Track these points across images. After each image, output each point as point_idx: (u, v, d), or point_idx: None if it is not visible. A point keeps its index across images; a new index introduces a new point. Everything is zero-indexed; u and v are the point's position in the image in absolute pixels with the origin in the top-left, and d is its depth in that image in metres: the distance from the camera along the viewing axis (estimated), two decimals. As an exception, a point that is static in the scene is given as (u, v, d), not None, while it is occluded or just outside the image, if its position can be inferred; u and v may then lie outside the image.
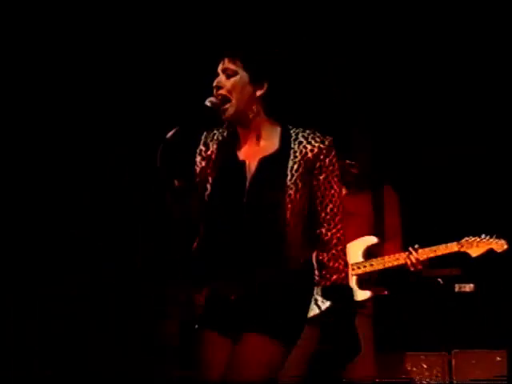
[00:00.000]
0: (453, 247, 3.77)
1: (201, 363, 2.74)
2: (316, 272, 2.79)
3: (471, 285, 4.55)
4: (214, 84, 2.79)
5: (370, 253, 3.90)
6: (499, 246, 3.75)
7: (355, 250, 3.90)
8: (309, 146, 2.79)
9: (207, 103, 2.76)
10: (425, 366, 4.33)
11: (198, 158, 2.85)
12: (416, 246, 3.80)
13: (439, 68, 4.78)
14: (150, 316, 4.61)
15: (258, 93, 2.81)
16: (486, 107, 4.78)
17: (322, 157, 2.78)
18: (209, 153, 2.85)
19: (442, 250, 3.77)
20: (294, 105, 2.98)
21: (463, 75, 4.75)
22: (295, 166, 2.76)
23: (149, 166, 2.80)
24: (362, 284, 3.88)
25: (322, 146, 2.79)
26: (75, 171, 4.75)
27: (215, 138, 2.87)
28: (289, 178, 2.75)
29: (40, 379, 4.45)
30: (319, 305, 3.45)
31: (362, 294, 3.84)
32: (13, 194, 4.68)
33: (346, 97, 4.80)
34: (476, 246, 3.78)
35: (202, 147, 2.87)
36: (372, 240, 3.92)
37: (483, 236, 3.77)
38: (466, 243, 3.78)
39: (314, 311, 3.43)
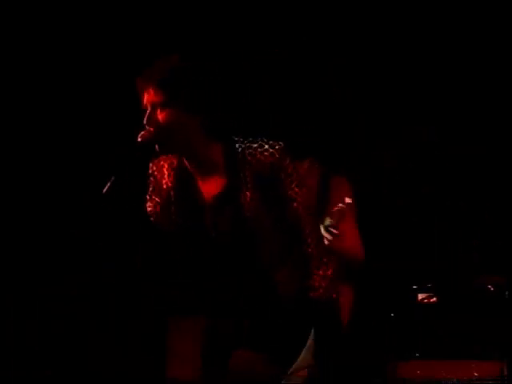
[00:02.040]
0: None
1: None
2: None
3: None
4: (144, 122, 2.57)
5: None
6: None
7: None
8: (258, 166, 2.57)
9: (139, 139, 2.57)
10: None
11: (150, 194, 2.69)
12: None
13: (439, 67, 4.78)
14: (149, 316, 4.61)
15: (196, 120, 2.57)
16: (486, 107, 4.78)
17: (275, 173, 2.58)
18: (163, 187, 2.66)
19: None
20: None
21: (464, 74, 4.75)
22: (249, 195, 2.58)
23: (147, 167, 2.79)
24: None
25: (272, 160, 2.58)
26: (75, 171, 4.74)
27: (164, 169, 2.68)
28: (246, 211, 2.57)
29: (40, 379, 4.45)
30: None
31: None
32: (12, 194, 4.68)
33: (346, 97, 4.80)
34: None
35: (151, 180, 2.69)
36: None
37: None
38: None
39: None
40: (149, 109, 2.58)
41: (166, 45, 4.65)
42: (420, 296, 4.50)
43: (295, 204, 2.62)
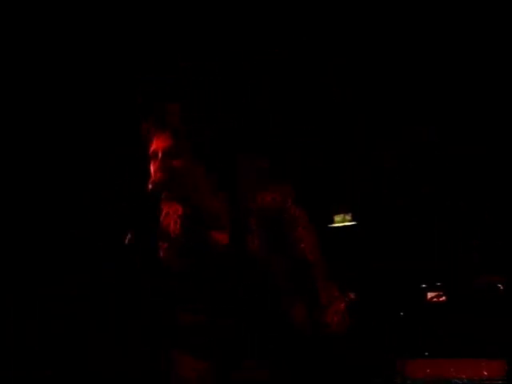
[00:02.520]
0: None
1: None
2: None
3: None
4: (152, 170, 2.54)
5: None
6: None
7: None
8: (262, 212, 2.58)
9: (150, 187, 2.54)
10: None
11: (158, 240, 2.68)
12: None
13: (439, 68, 4.78)
14: (149, 316, 4.61)
15: (205, 166, 2.57)
16: (485, 107, 4.78)
17: (279, 216, 2.58)
18: (171, 234, 2.65)
19: None
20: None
21: (463, 74, 4.75)
22: (255, 240, 2.57)
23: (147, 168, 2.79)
24: None
25: (275, 204, 2.59)
26: (75, 171, 4.74)
27: (169, 217, 2.66)
28: (254, 255, 2.57)
29: (40, 379, 4.45)
30: None
31: None
32: (13, 194, 4.68)
33: (346, 97, 4.80)
34: None
35: (160, 226, 2.67)
36: None
37: None
38: None
39: None
40: (160, 155, 2.56)
41: (166, 45, 4.65)
42: (429, 295, 4.51)
43: (302, 245, 2.63)
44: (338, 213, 4.91)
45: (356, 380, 3.69)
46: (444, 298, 4.06)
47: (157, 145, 2.58)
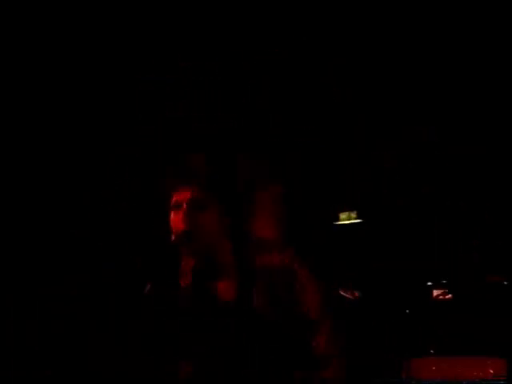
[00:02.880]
0: None
1: None
2: None
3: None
4: (174, 220, 2.52)
5: None
6: None
7: None
8: (269, 272, 2.56)
9: (174, 239, 2.51)
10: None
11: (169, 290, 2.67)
12: None
13: (439, 68, 4.78)
14: (149, 316, 4.60)
15: (229, 221, 2.55)
16: (485, 107, 4.78)
17: (285, 278, 2.57)
18: (181, 286, 2.63)
19: None
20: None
21: (463, 75, 4.75)
22: (261, 298, 2.56)
23: (149, 167, 2.79)
24: None
25: (282, 265, 2.57)
26: (75, 171, 4.74)
27: (181, 269, 2.64)
28: (258, 313, 2.56)
29: (40, 379, 4.45)
30: None
31: None
32: (12, 193, 4.68)
33: (346, 97, 4.80)
34: None
35: (178, 279, 2.65)
36: None
37: None
38: None
39: None
40: (184, 206, 2.53)
41: (166, 45, 4.65)
42: (435, 292, 4.51)
43: (305, 308, 2.61)
44: (343, 210, 4.92)
45: (356, 380, 3.68)
46: (450, 295, 4.08)
47: (181, 195, 2.55)
